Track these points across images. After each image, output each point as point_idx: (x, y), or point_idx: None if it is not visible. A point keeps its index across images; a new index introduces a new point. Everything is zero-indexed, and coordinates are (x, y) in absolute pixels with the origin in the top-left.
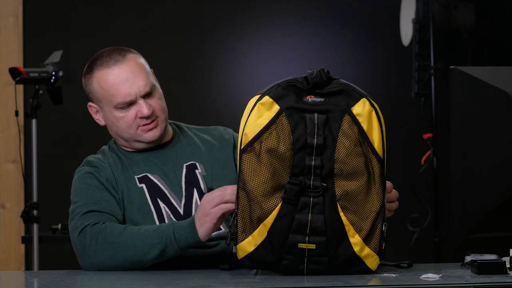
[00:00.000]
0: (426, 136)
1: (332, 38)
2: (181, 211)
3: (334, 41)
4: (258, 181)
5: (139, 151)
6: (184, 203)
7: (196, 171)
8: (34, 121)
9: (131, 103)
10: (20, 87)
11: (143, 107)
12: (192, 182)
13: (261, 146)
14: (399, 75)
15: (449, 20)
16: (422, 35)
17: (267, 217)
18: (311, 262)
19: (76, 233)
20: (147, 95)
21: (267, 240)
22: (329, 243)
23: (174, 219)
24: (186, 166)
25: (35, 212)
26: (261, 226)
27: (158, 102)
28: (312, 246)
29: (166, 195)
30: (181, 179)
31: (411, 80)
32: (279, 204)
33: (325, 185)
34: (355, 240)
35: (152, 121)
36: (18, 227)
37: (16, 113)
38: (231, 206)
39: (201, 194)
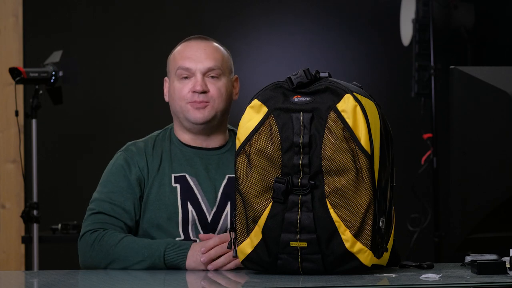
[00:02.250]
0: (426, 136)
1: (332, 38)
2: (209, 218)
3: (334, 41)
4: (250, 183)
5: (190, 145)
6: (215, 212)
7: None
8: (34, 121)
9: (190, 76)
10: (20, 87)
11: (198, 82)
12: (229, 195)
13: (251, 148)
14: (399, 75)
15: (449, 20)
16: (422, 35)
17: (260, 218)
18: (305, 260)
19: (80, 236)
20: (209, 76)
21: (262, 241)
22: (320, 240)
23: (198, 225)
24: (229, 177)
25: (35, 212)
26: (256, 227)
27: (217, 89)
28: (304, 244)
29: (198, 200)
30: (219, 188)
31: (411, 80)
32: (270, 204)
33: (313, 182)
34: (346, 236)
35: (204, 102)
36: (18, 227)
37: (16, 113)
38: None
39: (233, 209)
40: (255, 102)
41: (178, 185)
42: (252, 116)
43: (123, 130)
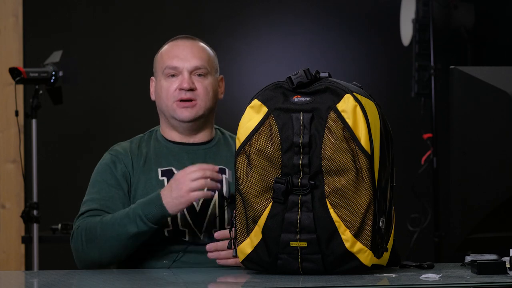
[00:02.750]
0: (426, 136)
1: (332, 38)
2: (197, 208)
3: (334, 41)
4: (250, 183)
5: (176, 142)
6: (203, 200)
7: (223, 175)
8: (34, 121)
9: (177, 74)
10: (20, 87)
11: (185, 80)
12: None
13: (251, 148)
14: (399, 75)
15: (449, 20)
16: (422, 35)
17: (259, 218)
18: (305, 260)
19: (70, 237)
20: (196, 75)
21: (262, 241)
22: (320, 240)
23: (187, 215)
24: None
25: (35, 212)
26: (256, 227)
27: (203, 87)
28: (304, 244)
29: None
30: None
31: (411, 80)
32: (270, 204)
33: (313, 182)
34: (346, 236)
35: (190, 101)
36: (18, 227)
37: (16, 113)
38: (209, 193)
39: (221, 198)
40: (255, 102)
41: (165, 178)
42: (252, 116)
43: (123, 130)
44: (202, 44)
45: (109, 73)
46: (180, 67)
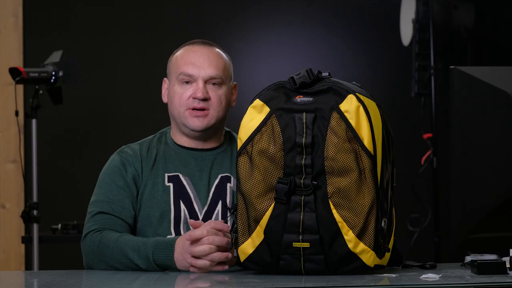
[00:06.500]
0: (426, 136)
1: (332, 38)
2: (201, 217)
3: (334, 41)
4: (252, 183)
5: (185, 147)
6: (206, 210)
7: (228, 184)
8: (34, 121)
9: (191, 81)
10: (20, 87)
11: (199, 89)
12: (220, 194)
13: (252, 148)
14: (399, 75)
15: (449, 20)
16: (422, 35)
17: (262, 218)
18: (308, 260)
19: (82, 237)
20: (211, 84)
21: (264, 241)
22: (322, 240)
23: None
24: (221, 176)
25: (35, 212)
26: (258, 227)
27: (217, 97)
28: (306, 245)
29: (190, 199)
30: (211, 188)
31: (411, 80)
32: (272, 204)
33: (316, 183)
34: (349, 237)
35: (203, 110)
36: (18, 227)
37: (16, 113)
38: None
39: (224, 208)
40: (257, 102)
41: (171, 184)
42: (254, 116)
43: (123, 130)
44: (218, 50)
45: (109, 73)
46: (196, 75)
